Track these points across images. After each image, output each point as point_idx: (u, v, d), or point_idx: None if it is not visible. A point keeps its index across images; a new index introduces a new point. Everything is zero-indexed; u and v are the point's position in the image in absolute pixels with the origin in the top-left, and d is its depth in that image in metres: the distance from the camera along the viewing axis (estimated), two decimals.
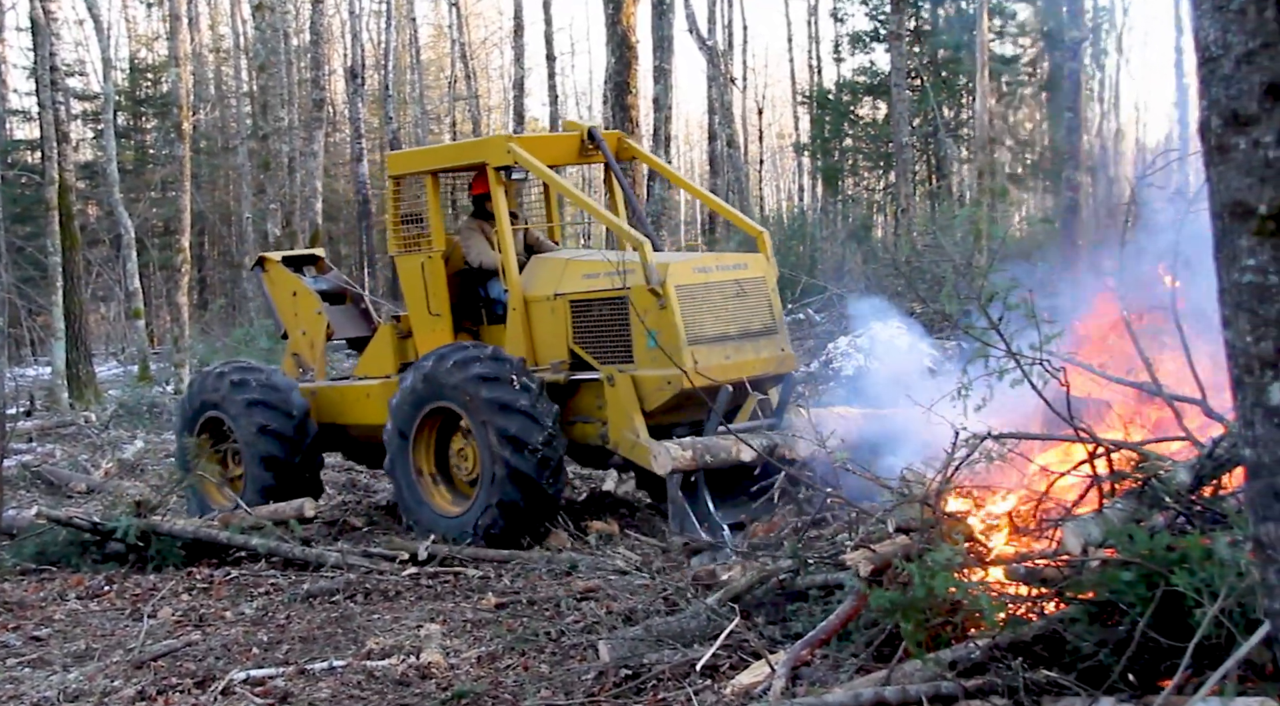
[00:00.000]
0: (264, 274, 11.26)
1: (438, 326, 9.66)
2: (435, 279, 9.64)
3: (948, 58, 28.44)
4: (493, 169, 9.23)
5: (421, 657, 6.22)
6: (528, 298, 9.23)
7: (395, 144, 35.94)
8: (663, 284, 8.48)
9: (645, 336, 8.53)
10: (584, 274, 9.04)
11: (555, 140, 10.03)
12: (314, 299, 10.80)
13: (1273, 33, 2.81)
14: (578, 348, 9.05)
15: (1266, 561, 2.92)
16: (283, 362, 11.11)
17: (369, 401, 9.98)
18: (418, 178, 9.88)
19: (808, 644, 5.33)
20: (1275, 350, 2.88)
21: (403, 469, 9.15)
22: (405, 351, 10.04)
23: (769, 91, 51.52)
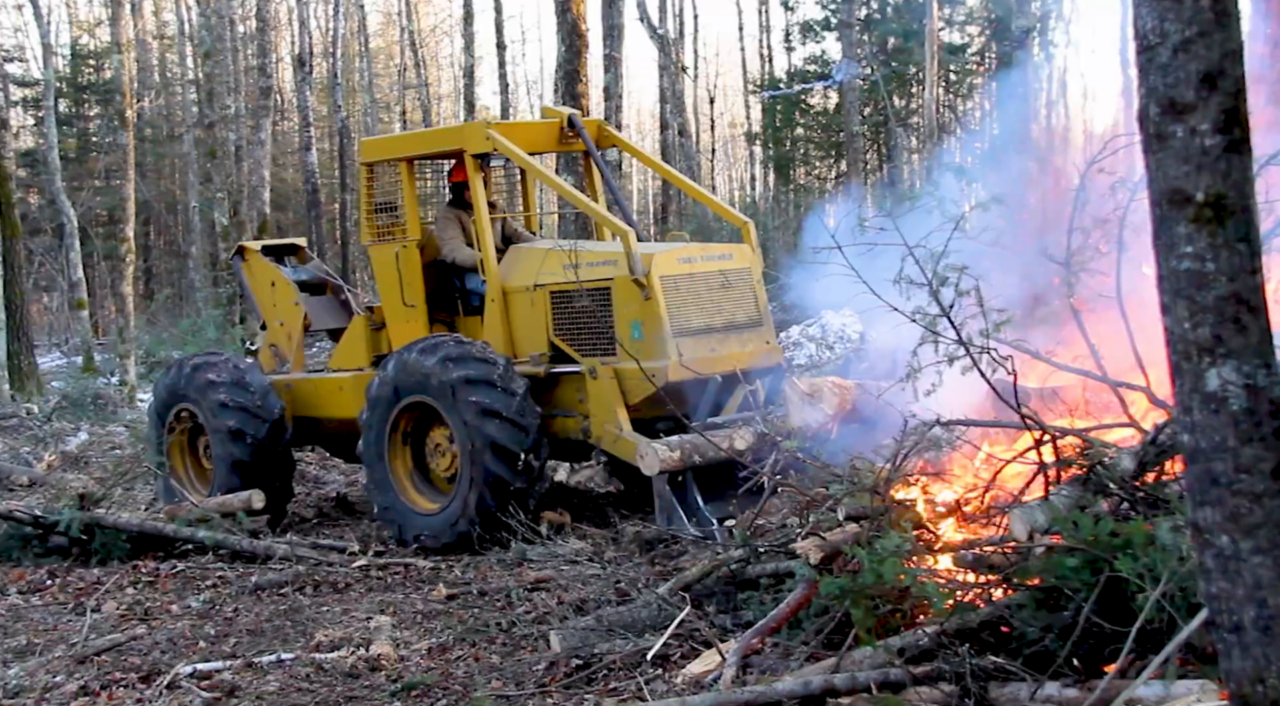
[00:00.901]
0: (243, 264, 11.01)
1: (412, 318, 9.40)
2: (410, 269, 9.37)
3: (898, 46, 28.57)
4: (470, 156, 9.00)
5: (371, 649, 6.19)
6: (506, 288, 9.00)
7: (344, 132, 35.67)
8: (647, 274, 8.24)
9: (628, 328, 8.33)
10: (564, 264, 8.75)
11: (534, 127, 9.84)
12: (292, 289, 10.55)
13: (1209, 22, 2.84)
14: (558, 340, 8.80)
15: (1204, 545, 2.95)
16: (259, 353, 10.89)
17: (342, 394, 9.74)
18: (392, 165, 9.64)
19: (758, 633, 5.35)
20: (1213, 336, 2.92)
21: (377, 461, 8.87)
22: (379, 343, 9.82)
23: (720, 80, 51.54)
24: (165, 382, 10.19)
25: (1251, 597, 2.86)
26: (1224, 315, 2.92)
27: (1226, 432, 2.91)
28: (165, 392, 10.13)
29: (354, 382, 9.59)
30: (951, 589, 4.98)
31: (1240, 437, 2.90)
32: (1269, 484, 2.88)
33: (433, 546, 8.41)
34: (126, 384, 18.01)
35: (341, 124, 35.46)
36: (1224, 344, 2.92)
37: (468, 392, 8.24)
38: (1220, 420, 2.92)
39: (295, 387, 10.10)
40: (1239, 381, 2.91)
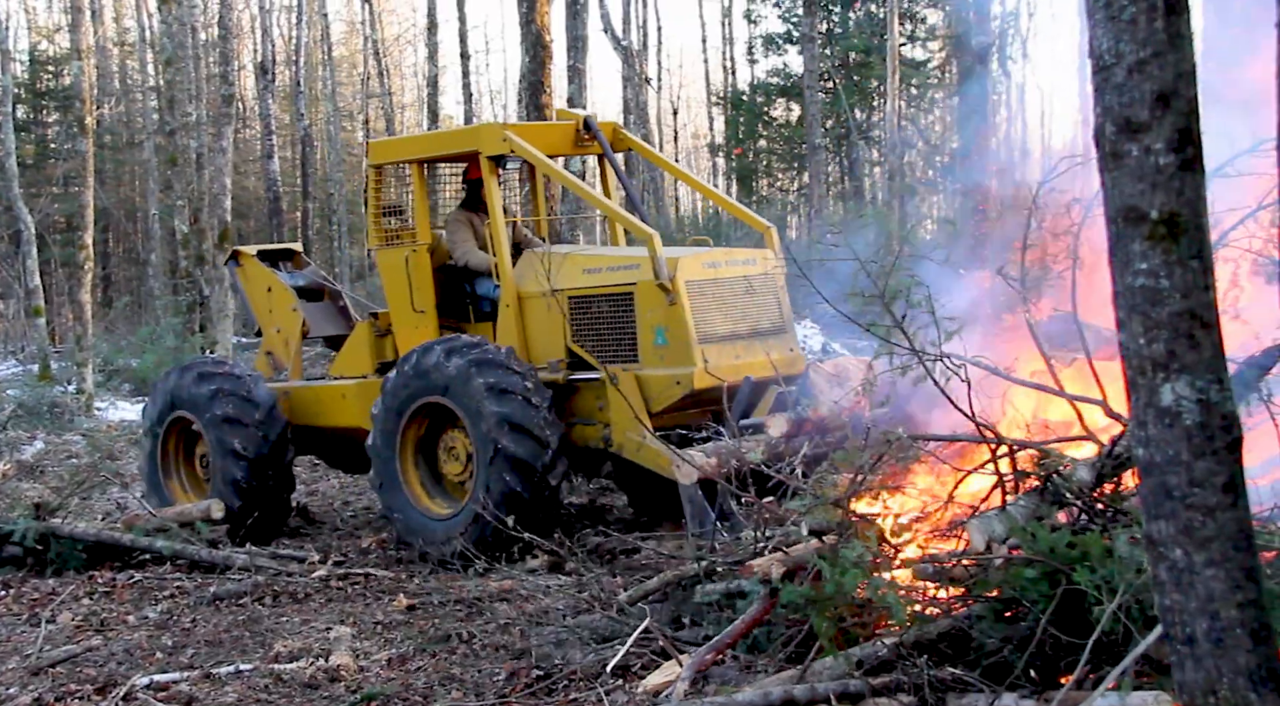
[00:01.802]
0: (238, 268, 10.73)
1: (421, 323, 9.17)
2: (420, 274, 9.15)
3: (859, 61, 28.77)
4: (486, 158, 8.77)
5: (331, 660, 6.16)
6: (522, 293, 8.76)
7: (307, 141, 35.52)
8: (672, 279, 8.04)
9: (652, 334, 8.14)
10: (584, 269, 8.59)
11: (550, 129, 9.62)
12: (289, 295, 10.32)
13: (1163, 42, 2.89)
14: (576, 346, 8.57)
15: (1158, 558, 3.00)
16: (256, 361, 10.66)
17: (345, 402, 9.53)
18: (401, 167, 9.44)
19: (714, 647, 5.36)
20: (1167, 352, 2.97)
21: (387, 461, 8.57)
22: (383, 350, 9.61)
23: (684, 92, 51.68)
24: (165, 388, 9.88)
25: (1204, 610, 2.90)
26: (1178, 331, 2.97)
27: (1180, 447, 2.96)
28: (165, 399, 9.83)
29: (358, 390, 9.41)
30: (912, 600, 5.01)
31: (1194, 452, 2.95)
32: (1221, 497, 2.92)
33: (438, 556, 8.19)
34: (84, 392, 17.81)
35: (304, 132, 35.31)
36: (1178, 359, 2.97)
37: (490, 401, 8.02)
38: (1174, 434, 2.97)
39: (294, 395, 9.86)
40: (1192, 396, 2.96)
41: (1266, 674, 2.86)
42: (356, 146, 41.45)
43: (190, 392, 9.57)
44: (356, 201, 38.62)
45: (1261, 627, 2.89)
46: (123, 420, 17.27)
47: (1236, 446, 2.97)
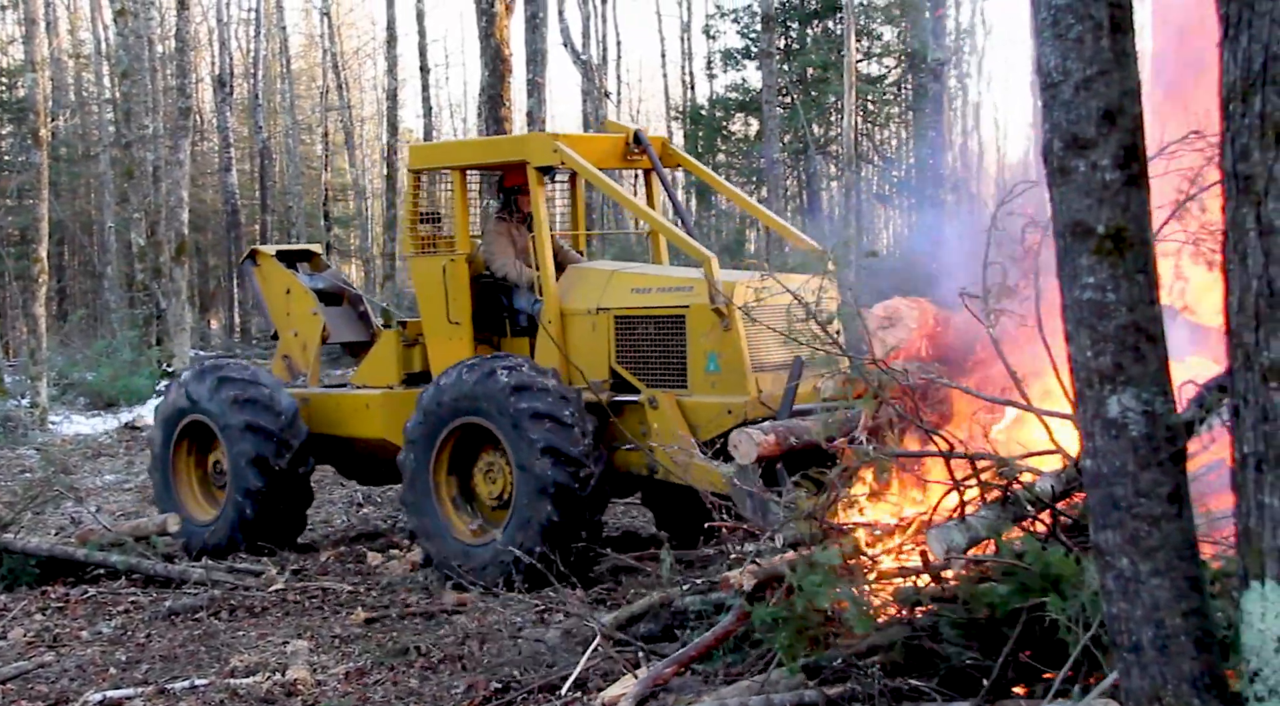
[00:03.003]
0: (255, 268, 10.38)
1: (456, 336, 8.82)
2: (457, 284, 8.79)
3: (817, 77, 28.96)
4: (533, 169, 8.45)
5: (287, 674, 6.13)
6: (565, 311, 8.43)
7: (265, 153, 35.33)
8: (727, 304, 7.66)
9: (704, 359, 7.80)
10: (632, 288, 8.29)
11: (598, 141, 9.23)
12: (310, 298, 10.00)
13: (1109, 61, 2.95)
14: (620, 367, 8.22)
15: (1105, 567, 3.04)
16: (272, 364, 10.32)
17: (369, 412, 9.20)
18: (442, 174, 9.16)
19: (675, 661, 5.36)
20: (1114, 364, 3.02)
21: (418, 479, 8.22)
22: (410, 360, 9.32)
23: (643, 106, 51.87)
24: (182, 390, 9.51)
25: (1149, 618, 2.95)
26: (1124, 344, 3.02)
27: (1126, 458, 3.01)
28: (181, 401, 9.47)
29: (383, 401, 9.13)
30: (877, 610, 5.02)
31: (1139, 462, 3.00)
32: (1166, 507, 2.97)
33: (473, 580, 7.76)
34: (38, 406, 17.62)
35: (262, 145, 35.14)
36: (1124, 372, 3.02)
37: (533, 428, 7.67)
38: (1120, 445, 3.02)
39: (313, 403, 9.50)
40: (1138, 408, 3.01)
41: (1210, 680, 2.91)
42: (315, 159, 41.27)
43: (210, 397, 9.23)
44: (316, 215, 38.46)
45: (1205, 635, 2.94)
46: (77, 434, 17.11)
47: (1181, 457, 3.03)
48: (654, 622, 6.11)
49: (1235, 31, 2.64)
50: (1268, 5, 2.56)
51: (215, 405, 9.18)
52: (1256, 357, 2.68)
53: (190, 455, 9.63)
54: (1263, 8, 2.57)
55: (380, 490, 11.73)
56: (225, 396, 9.15)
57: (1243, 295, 2.70)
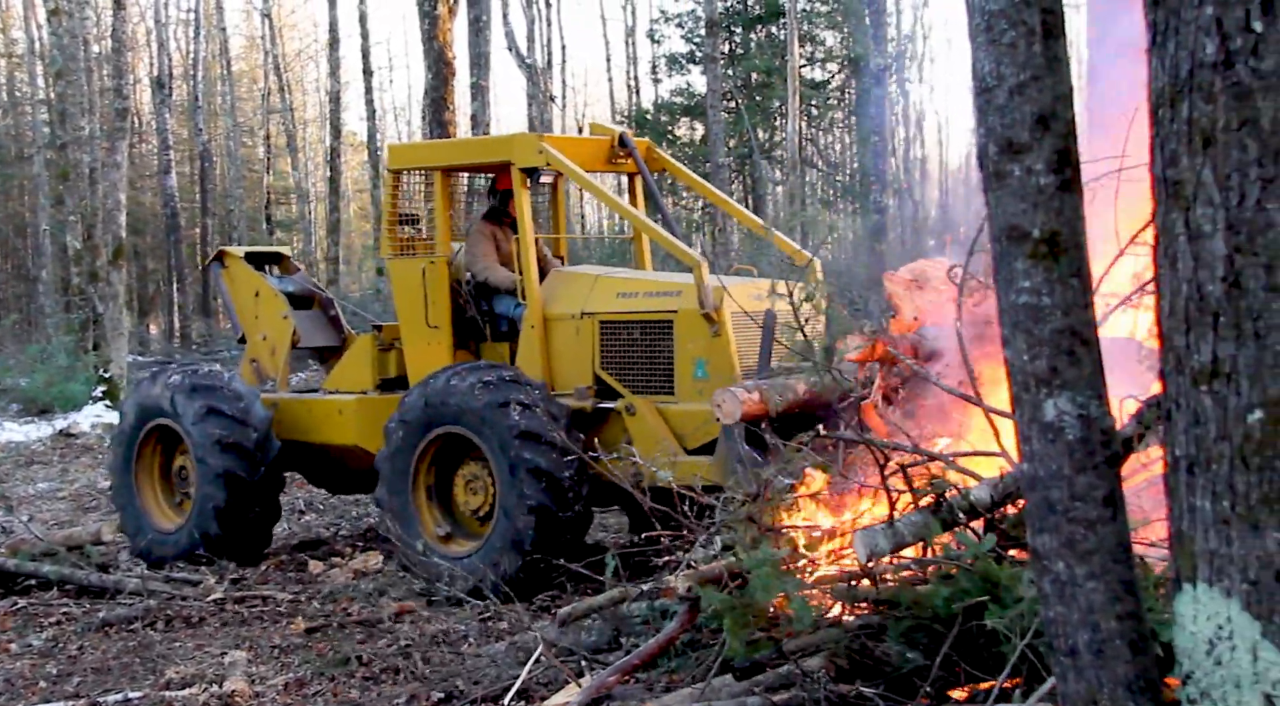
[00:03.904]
0: (222, 270, 10.18)
1: (435, 340, 8.69)
2: (437, 288, 8.67)
3: (761, 81, 29.10)
4: (518, 170, 8.32)
5: (225, 686, 6.03)
6: (548, 315, 8.29)
7: (206, 156, 34.94)
8: (717, 309, 7.53)
9: (691, 366, 7.66)
10: (618, 293, 8.15)
11: (583, 143, 9.07)
12: (280, 302, 9.81)
13: (1041, 66, 2.96)
14: (605, 373, 8.09)
15: (1042, 571, 3.05)
16: (240, 368, 10.08)
17: (341, 418, 9.00)
18: (423, 174, 8.99)
19: (619, 669, 5.34)
20: (1049, 368, 3.03)
21: (398, 492, 8.01)
22: (386, 365, 9.15)
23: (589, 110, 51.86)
24: (147, 393, 9.24)
25: (1085, 621, 2.96)
26: (1059, 348, 3.03)
27: (1062, 461, 3.02)
28: (146, 404, 9.21)
29: (357, 407, 8.95)
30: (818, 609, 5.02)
31: (1075, 466, 3.01)
32: (1102, 511, 2.99)
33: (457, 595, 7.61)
34: None
35: (203, 147, 34.75)
36: (1059, 375, 3.03)
37: (522, 448, 7.49)
38: (1056, 449, 3.03)
39: (284, 408, 9.28)
40: (1074, 411, 3.02)
41: (1144, 684, 2.93)
42: (257, 162, 40.88)
43: (178, 403, 8.98)
44: (258, 218, 38.09)
45: (1140, 638, 2.96)
46: (9, 441, 16.80)
47: (1116, 461, 3.04)
48: (598, 634, 6.09)
49: (1163, 39, 2.66)
50: (1193, 14, 2.58)
51: (185, 413, 8.93)
52: (1187, 361, 2.70)
53: (154, 462, 9.39)
54: (1188, 16, 2.59)
55: (323, 497, 11.62)
56: (196, 406, 8.90)
57: (1173, 299, 2.72)
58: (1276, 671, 2.56)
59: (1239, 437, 2.61)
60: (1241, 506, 2.61)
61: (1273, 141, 2.54)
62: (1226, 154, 2.59)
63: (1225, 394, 2.64)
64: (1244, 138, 2.57)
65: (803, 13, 28.67)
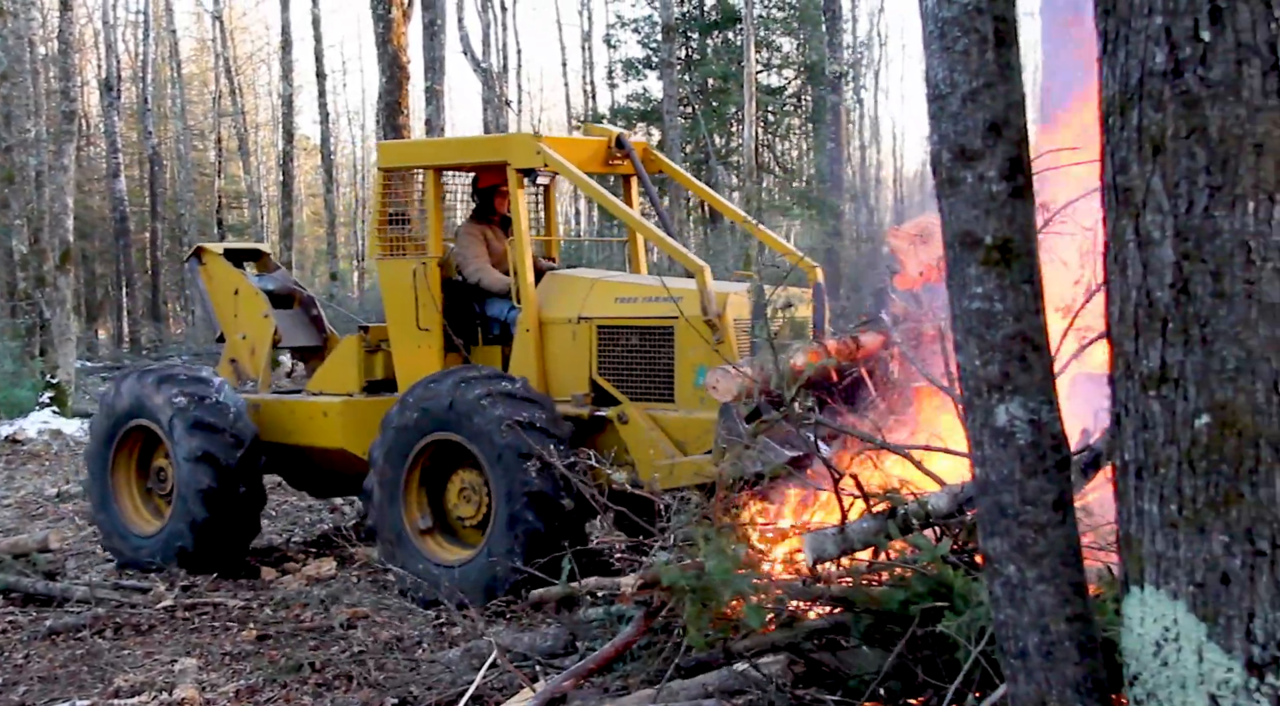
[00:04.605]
0: (200, 267, 9.90)
1: (425, 343, 8.49)
2: (428, 290, 8.46)
3: (718, 87, 29.20)
4: (514, 171, 8.15)
5: (175, 694, 5.97)
6: (543, 319, 8.13)
7: (155, 159, 34.60)
8: (720, 316, 7.38)
9: (693, 373, 7.48)
10: (616, 297, 7.99)
11: (580, 144, 8.87)
12: (260, 300, 9.59)
13: (994, 73, 2.99)
14: (602, 379, 7.92)
15: (993, 574, 3.08)
16: (219, 367, 9.78)
17: (326, 421, 8.81)
18: (415, 173, 8.77)
19: (574, 674, 5.33)
20: (1001, 373, 3.06)
21: (389, 500, 7.85)
22: (372, 367, 8.96)
23: (545, 115, 51.81)
24: (122, 395, 9.00)
25: (1035, 624, 2.99)
26: (1011, 353, 3.06)
27: (1014, 466, 3.05)
28: (121, 406, 8.98)
29: (343, 409, 8.77)
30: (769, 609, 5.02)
31: (1026, 470, 3.04)
32: (1052, 515, 3.02)
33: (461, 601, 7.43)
34: None
35: (152, 151, 34.40)
36: (1011, 381, 3.06)
37: (519, 464, 7.33)
38: (1008, 454, 3.05)
39: (265, 409, 9.07)
40: (1025, 416, 3.05)
41: (1092, 685, 2.96)
42: (208, 166, 40.53)
43: (150, 396, 8.76)
44: (209, 222, 37.74)
45: (1088, 640, 2.99)
46: None
47: (1066, 465, 3.07)
48: (554, 639, 6.08)
49: (1113, 47, 2.69)
50: (1143, 23, 2.62)
51: (155, 402, 8.71)
52: (1136, 366, 2.74)
53: (131, 465, 9.19)
54: (1138, 25, 2.62)
55: (276, 503, 11.52)
56: (163, 388, 8.69)
57: (1123, 305, 2.76)
58: (1221, 672, 2.60)
59: (1186, 442, 2.65)
60: (1188, 510, 2.65)
61: (1220, 150, 2.58)
62: (1175, 162, 2.63)
63: (1173, 399, 2.67)
64: (1192, 146, 2.61)
65: (759, 19, 28.80)
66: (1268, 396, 2.59)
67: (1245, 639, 2.59)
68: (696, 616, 4.82)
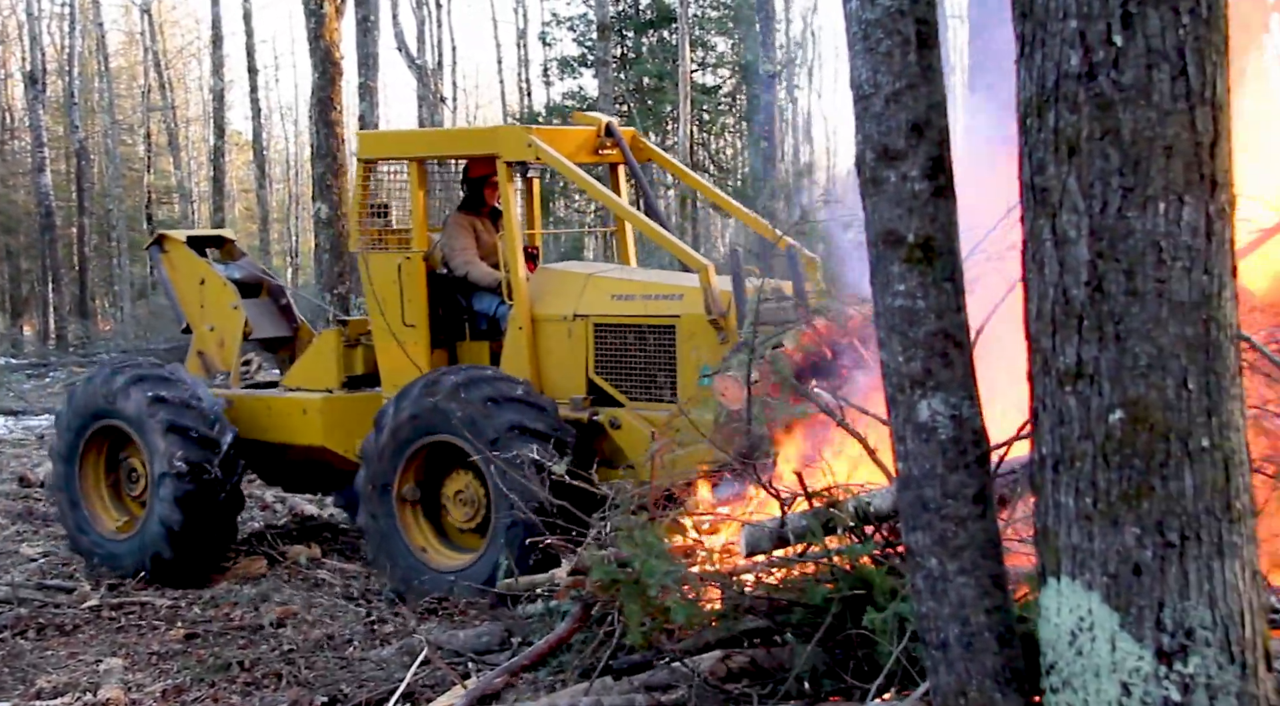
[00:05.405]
0: (162, 255, 9.52)
1: (411, 339, 8.22)
2: (414, 283, 8.21)
3: (653, 86, 29.25)
4: (504, 163, 7.93)
5: (99, 694, 5.90)
6: (536, 316, 7.88)
7: (83, 154, 34.00)
8: (725, 315, 7.13)
9: (696, 373, 7.24)
10: (613, 294, 7.77)
11: (568, 134, 8.57)
12: (229, 291, 9.23)
13: (916, 74, 3.04)
14: (600, 379, 7.69)
15: (915, 567, 3.13)
16: (187, 361, 9.43)
17: (306, 418, 8.55)
18: (397, 164, 8.52)
19: (506, 671, 5.33)
20: (923, 369, 3.11)
21: (381, 504, 7.62)
22: (352, 362, 8.71)
23: (480, 112, 51.57)
24: (88, 395, 8.68)
25: (956, 616, 3.05)
26: (933, 350, 3.11)
27: (935, 460, 3.10)
28: (88, 407, 8.65)
29: (323, 406, 8.52)
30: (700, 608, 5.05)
31: (948, 465, 3.09)
32: (972, 508, 3.08)
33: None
34: None
35: (79, 145, 33.78)
36: (933, 377, 3.11)
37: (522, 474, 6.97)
38: (930, 448, 3.11)
39: (240, 405, 8.77)
40: (946, 412, 3.11)
41: (1010, 675, 3.02)
42: (137, 161, 39.91)
43: (120, 395, 8.42)
44: (138, 218, 37.17)
45: (1007, 631, 3.05)
46: None
47: (985, 460, 3.13)
48: (489, 636, 6.08)
49: (1030, 49, 2.75)
50: (1059, 26, 2.68)
51: (126, 401, 8.38)
52: (1054, 363, 2.80)
53: (99, 466, 8.86)
54: (1054, 28, 2.69)
55: None
56: (135, 387, 8.38)
57: (1040, 303, 2.82)
58: (1133, 661, 2.67)
59: (1101, 436, 2.72)
60: (1102, 503, 2.72)
61: (1133, 151, 2.65)
62: (1090, 163, 2.70)
63: (1088, 394, 2.74)
64: (1106, 147, 2.67)
65: (694, 18, 28.88)
66: (1178, 392, 2.66)
67: (1155, 628, 2.66)
68: (636, 615, 4.83)
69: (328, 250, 16.70)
